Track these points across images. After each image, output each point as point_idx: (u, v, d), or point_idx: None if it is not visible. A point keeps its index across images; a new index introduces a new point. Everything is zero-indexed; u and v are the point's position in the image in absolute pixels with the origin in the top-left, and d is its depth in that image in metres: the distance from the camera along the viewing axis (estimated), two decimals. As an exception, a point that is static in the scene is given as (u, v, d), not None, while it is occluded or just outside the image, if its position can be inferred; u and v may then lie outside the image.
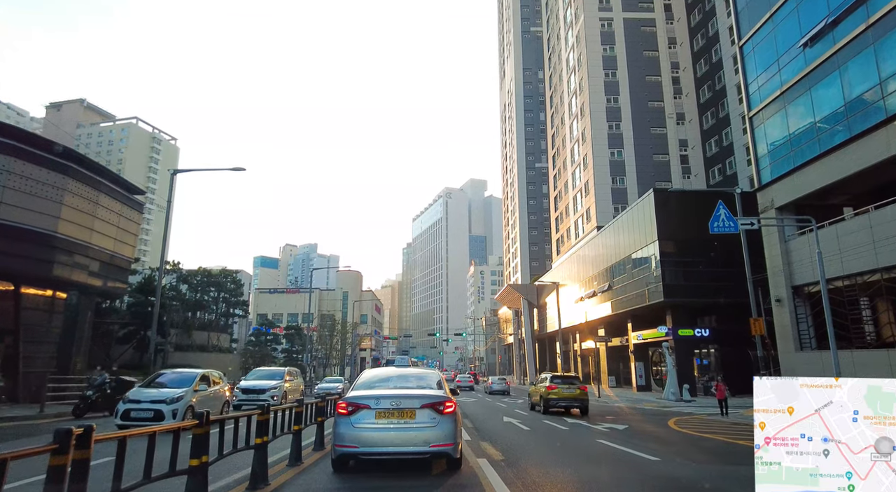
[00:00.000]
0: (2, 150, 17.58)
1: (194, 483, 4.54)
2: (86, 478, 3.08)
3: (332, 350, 67.21)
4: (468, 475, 6.62)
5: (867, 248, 17.52)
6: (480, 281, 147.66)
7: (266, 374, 19.22)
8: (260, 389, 17.06)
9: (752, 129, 24.02)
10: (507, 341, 77.91)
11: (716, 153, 44.48)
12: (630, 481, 6.79)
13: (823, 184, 19.58)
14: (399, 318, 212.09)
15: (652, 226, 29.95)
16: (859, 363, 17.74)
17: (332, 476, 6.53)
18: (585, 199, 50.90)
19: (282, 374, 19.08)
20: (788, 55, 21.29)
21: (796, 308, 21.48)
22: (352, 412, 6.37)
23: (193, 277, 47.28)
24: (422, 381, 7.46)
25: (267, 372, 19.63)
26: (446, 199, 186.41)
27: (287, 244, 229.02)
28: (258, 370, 20.21)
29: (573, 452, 9.35)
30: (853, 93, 18.08)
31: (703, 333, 29.95)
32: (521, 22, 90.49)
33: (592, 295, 39.54)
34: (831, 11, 18.73)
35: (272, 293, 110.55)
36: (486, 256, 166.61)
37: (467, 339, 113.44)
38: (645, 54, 51.33)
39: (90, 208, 20.93)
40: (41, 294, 21.46)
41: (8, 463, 2.48)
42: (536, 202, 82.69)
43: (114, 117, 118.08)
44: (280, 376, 18.87)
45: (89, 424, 3.14)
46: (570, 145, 56.66)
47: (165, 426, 4.36)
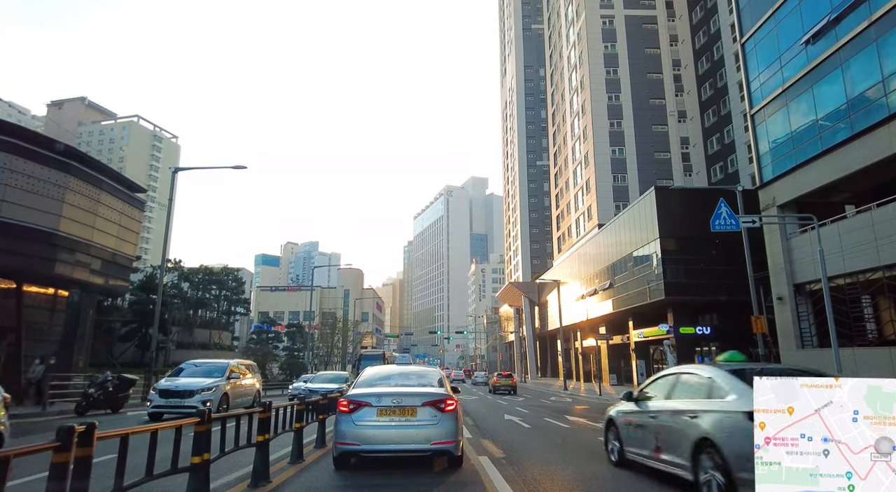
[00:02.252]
0: (3, 148, 17.60)
1: (196, 481, 4.56)
2: (88, 475, 3.09)
3: (334, 348, 67.34)
4: (469, 473, 6.64)
5: (869, 246, 17.49)
6: (481, 279, 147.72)
7: (202, 369, 14.54)
8: (187, 390, 13.04)
9: (753, 126, 23.96)
10: (509, 339, 77.95)
11: (717, 151, 44.39)
12: (631, 479, 6.80)
13: (825, 182, 19.53)
14: (400, 316, 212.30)
15: (653, 224, 29.91)
16: (861, 361, 17.72)
17: (334, 474, 6.55)
18: (587, 197, 50.84)
19: (224, 368, 14.52)
20: (790, 53, 21.22)
21: (798, 306, 21.46)
22: (353, 410, 6.39)
23: (195, 275, 47.39)
24: (423, 379, 7.47)
25: (203, 366, 14.90)
26: (447, 197, 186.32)
27: (288, 242, 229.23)
28: (191, 364, 15.28)
29: (574, 449, 9.36)
30: (855, 90, 18.02)
31: (704, 331, 29.95)
32: (523, 19, 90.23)
33: (594, 293, 39.53)
34: (833, 8, 18.65)
35: (273, 291, 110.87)
36: (488, 254, 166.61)
37: (468, 337, 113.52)
38: (646, 52, 51.20)
39: (92, 206, 20.95)
40: (43, 292, 21.52)
41: (11, 460, 2.49)
42: (538, 200, 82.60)
43: (115, 115, 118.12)
44: (221, 370, 14.38)
45: (91, 421, 3.16)
46: (572, 143, 56.56)
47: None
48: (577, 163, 54.53)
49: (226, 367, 14.67)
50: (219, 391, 13.46)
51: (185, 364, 15.18)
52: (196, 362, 15.47)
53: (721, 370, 5.56)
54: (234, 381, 14.52)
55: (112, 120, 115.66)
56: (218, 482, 5.83)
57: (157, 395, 13.22)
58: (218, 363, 15.18)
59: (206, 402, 12.49)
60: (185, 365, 15.06)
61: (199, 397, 12.81)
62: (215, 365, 14.96)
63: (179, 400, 12.87)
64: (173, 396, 13.05)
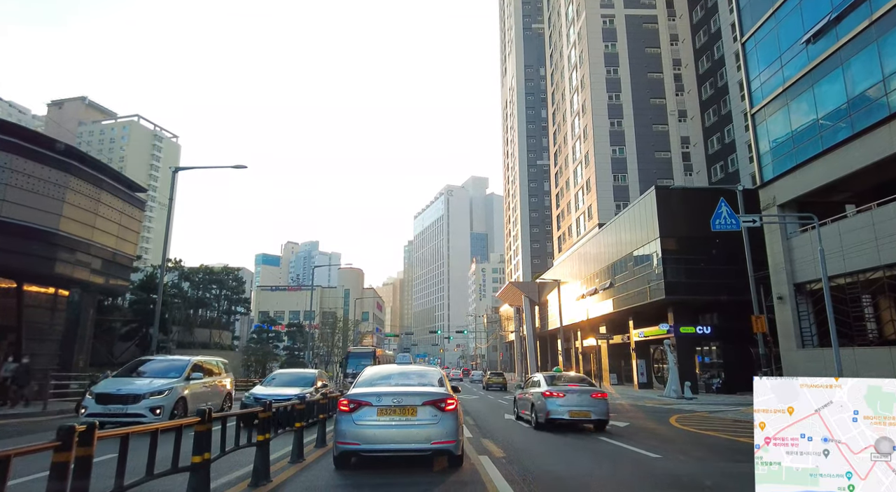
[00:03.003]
0: (4, 147, 17.62)
1: (197, 480, 4.56)
2: (89, 475, 3.10)
3: (334, 348, 67.38)
4: (470, 472, 6.64)
5: (869, 245, 17.48)
6: (482, 278, 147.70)
7: (156, 368, 12.17)
8: (131, 394, 10.70)
9: (754, 126, 23.95)
10: (509, 339, 77.95)
11: (718, 150, 44.36)
12: (631, 478, 6.80)
13: (826, 181, 19.52)
14: (400, 315, 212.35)
15: (653, 223, 29.90)
16: (861, 361, 17.72)
17: (334, 473, 6.56)
18: (587, 196, 50.82)
19: (182, 367, 12.20)
20: (791, 52, 21.21)
21: (798, 306, 21.45)
22: (354, 409, 6.40)
23: (195, 275, 47.38)
24: (423, 378, 7.49)
25: (159, 364, 12.54)
26: (448, 196, 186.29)
27: (289, 242, 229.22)
28: (145, 361, 12.85)
29: (574, 449, 9.37)
30: (856, 89, 18.01)
31: (704, 331, 29.93)
32: (523, 19, 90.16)
33: (594, 292, 39.52)
34: (834, 7, 18.63)
35: (274, 291, 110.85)
36: (488, 254, 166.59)
37: (468, 336, 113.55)
38: (647, 51, 51.16)
39: (92, 206, 20.97)
40: (43, 292, 21.54)
41: (11, 460, 2.49)
42: (538, 200, 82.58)
43: (115, 115, 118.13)
44: (179, 369, 12.06)
45: (92, 421, 3.16)
46: (572, 143, 56.55)
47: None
48: (577, 162, 54.52)
49: (185, 365, 12.29)
50: (173, 395, 11.08)
51: (138, 361, 12.96)
52: (154, 358, 13.30)
53: (542, 375, 13.53)
54: (196, 382, 12.16)
55: (112, 119, 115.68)
56: (218, 482, 5.84)
57: (92, 400, 10.66)
58: (176, 361, 12.81)
59: (155, 408, 10.58)
60: (137, 363, 12.78)
61: (146, 403, 10.57)
62: (173, 363, 12.58)
63: (121, 407, 10.46)
64: (113, 401, 10.58)
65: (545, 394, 12.03)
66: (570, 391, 12.05)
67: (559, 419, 11.71)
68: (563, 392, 11.98)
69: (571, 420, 11.73)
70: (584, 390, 12.21)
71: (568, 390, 12.07)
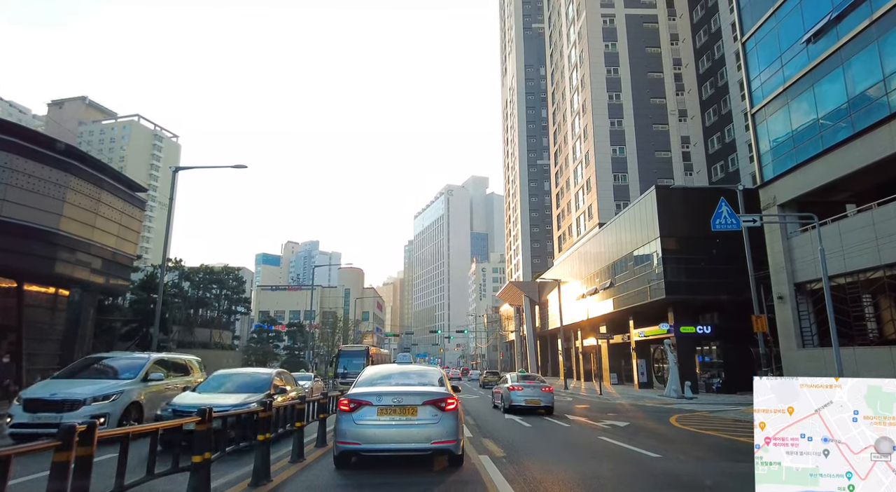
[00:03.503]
0: (4, 147, 17.61)
1: (197, 480, 4.57)
2: (89, 474, 3.10)
3: (334, 348, 67.36)
4: (470, 472, 6.64)
5: (870, 245, 17.47)
6: (482, 278, 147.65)
7: (108, 369, 10.64)
8: (67, 400, 8.89)
9: (754, 125, 23.94)
10: (509, 338, 77.95)
11: (718, 150, 44.33)
12: (631, 478, 6.80)
13: (826, 181, 19.50)
14: (401, 315, 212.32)
15: (654, 223, 29.89)
16: (861, 361, 17.71)
17: (335, 473, 6.56)
18: (587, 196, 50.81)
19: (138, 366, 10.51)
20: (791, 51, 21.19)
21: (798, 305, 21.44)
22: (354, 409, 6.40)
23: (195, 275, 47.42)
24: (423, 378, 7.49)
25: (113, 361, 11.03)
26: (448, 196, 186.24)
27: (289, 241, 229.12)
28: (97, 359, 11.40)
29: (574, 448, 9.37)
30: (856, 89, 17.99)
31: (704, 331, 29.91)
32: (523, 18, 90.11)
33: (594, 292, 39.51)
34: (835, 7, 18.61)
35: (274, 290, 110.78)
36: (488, 254, 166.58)
37: (469, 336, 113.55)
38: (647, 51, 51.12)
39: (92, 206, 20.97)
40: (44, 291, 21.52)
41: (12, 460, 2.49)
42: (538, 199, 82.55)
43: (115, 115, 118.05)
44: (135, 370, 10.40)
45: (92, 421, 3.16)
46: (572, 142, 56.52)
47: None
48: (577, 162, 54.50)
49: (142, 365, 10.54)
50: (122, 400, 9.38)
51: (87, 360, 11.31)
52: (108, 356, 11.69)
53: (510, 375, 18.54)
54: (156, 383, 10.48)
55: (112, 119, 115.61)
56: (219, 481, 5.84)
57: (20, 407, 8.79)
58: (134, 359, 11.10)
59: (98, 417, 8.57)
60: (86, 362, 11.07)
61: (87, 410, 8.71)
62: (130, 361, 10.84)
63: (54, 416, 8.58)
64: (45, 408, 8.73)
65: (510, 388, 16.41)
66: (527, 386, 16.43)
67: (518, 406, 15.86)
68: (521, 386, 16.38)
69: (527, 406, 15.89)
70: (536, 385, 16.58)
71: (525, 385, 16.45)
